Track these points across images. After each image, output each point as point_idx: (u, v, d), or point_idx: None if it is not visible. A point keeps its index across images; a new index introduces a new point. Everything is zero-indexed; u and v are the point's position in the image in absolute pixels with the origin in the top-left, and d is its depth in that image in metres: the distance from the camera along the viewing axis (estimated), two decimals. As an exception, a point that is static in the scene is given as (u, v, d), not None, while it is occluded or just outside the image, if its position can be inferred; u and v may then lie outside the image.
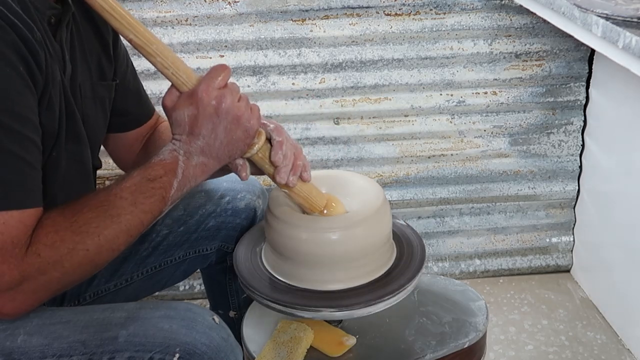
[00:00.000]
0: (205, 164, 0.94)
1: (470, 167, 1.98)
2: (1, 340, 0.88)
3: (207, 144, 0.92)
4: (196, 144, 0.92)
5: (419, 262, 1.13)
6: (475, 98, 1.91)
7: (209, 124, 0.92)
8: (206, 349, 0.88)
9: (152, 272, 1.24)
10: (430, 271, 2.04)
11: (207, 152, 0.93)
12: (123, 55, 1.17)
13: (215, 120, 0.92)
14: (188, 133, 0.92)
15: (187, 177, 0.92)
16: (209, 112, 0.91)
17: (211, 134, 0.92)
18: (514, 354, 1.73)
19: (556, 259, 2.07)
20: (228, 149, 0.94)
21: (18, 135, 0.82)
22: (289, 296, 1.06)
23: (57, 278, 0.85)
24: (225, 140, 0.93)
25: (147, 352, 0.87)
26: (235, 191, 1.26)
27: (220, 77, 0.93)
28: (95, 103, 1.07)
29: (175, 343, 0.87)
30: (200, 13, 1.78)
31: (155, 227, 1.22)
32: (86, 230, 0.85)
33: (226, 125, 0.92)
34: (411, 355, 1.14)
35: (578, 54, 1.88)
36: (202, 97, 0.91)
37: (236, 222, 1.25)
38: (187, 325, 0.90)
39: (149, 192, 0.89)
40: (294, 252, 1.07)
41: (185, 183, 0.93)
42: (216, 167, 0.95)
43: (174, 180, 0.91)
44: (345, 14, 1.81)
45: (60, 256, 0.84)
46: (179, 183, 0.92)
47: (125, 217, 0.87)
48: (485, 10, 1.83)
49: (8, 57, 0.82)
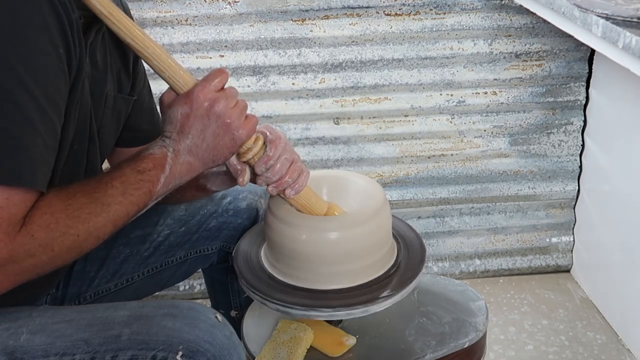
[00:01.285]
0: (191, 164, 0.94)
1: (470, 167, 1.98)
2: (4, 339, 0.88)
3: (194, 144, 0.93)
4: (185, 143, 0.92)
5: (419, 262, 1.13)
6: (475, 98, 1.91)
7: (199, 125, 0.92)
8: (209, 347, 0.88)
9: (153, 272, 1.24)
10: (430, 271, 2.04)
11: (194, 153, 0.93)
12: (142, 74, 1.18)
13: (205, 121, 0.92)
14: (178, 131, 0.93)
15: (173, 173, 0.93)
16: (201, 112, 0.92)
17: (199, 135, 0.92)
18: (514, 354, 1.73)
19: (556, 259, 2.07)
20: (213, 153, 0.94)
21: (46, 117, 0.83)
22: (289, 296, 1.06)
23: (44, 262, 0.84)
24: (212, 144, 0.93)
25: (150, 350, 0.87)
26: (236, 191, 1.26)
27: (217, 79, 0.93)
28: (113, 115, 1.08)
29: (178, 341, 0.87)
30: (200, 13, 1.78)
31: (156, 228, 1.22)
32: (79, 215, 0.85)
33: (215, 129, 0.93)
34: (411, 355, 1.14)
35: (578, 54, 1.88)
36: (197, 96, 0.92)
37: (238, 222, 1.25)
38: (190, 324, 0.90)
39: (138, 184, 0.89)
40: (293, 252, 1.07)
41: (171, 180, 0.93)
42: (200, 169, 0.96)
43: (161, 175, 0.91)
44: (345, 14, 1.81)
45: (52, 239, 0.83)
46: (165, 179, 0.92)
47: (114, 206, 0.87)
48: (485, 10, 1.83)
49: (53, 34, 0.83)
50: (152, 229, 1.22)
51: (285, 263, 1.10)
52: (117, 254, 1.20)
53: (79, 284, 1.18)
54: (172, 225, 1.23)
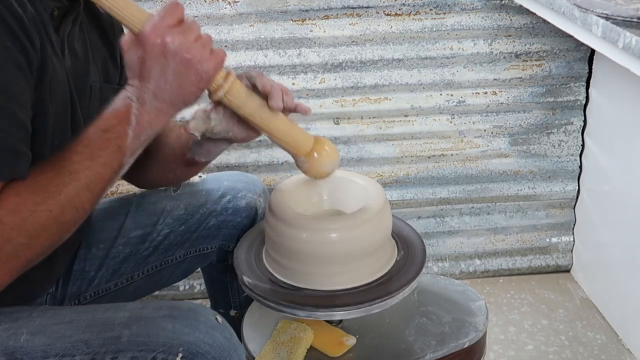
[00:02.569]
0: (159, 109, 0.89)
1: (470, 167, 1.98)
2: (4, 340, 0.87)
3: (158, 87, 0.87)
4: (148, 88, 0.87)
5: (419, 262, 1.13)
6: (475, 98, 1.91)
7: (157, 66, 0.86)
8: (209, 349, 0.88)
9: (153, 271, 1.24)
10: (430, 271, 2.04)
11: (160, 97, 0.88)
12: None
13: (163, 61, 0.86)
14: (139, 77, 0.87)
15: (141, 124, 0.88)
16: (156, 52, 0.85)
17: (160, 77, 0.86)
18: (514, 354, 1.73)
19: (556, 259, 2.07)
20: (180, 92, 0.88)
21: (5, 112, 0.81)
22: (288, 296, 1.06)
23: (24, 244, 0.82)
24: (175, 83, 0.87)
25: (150, 352, 0.87)
26: (236, 190, 1.26)
27: (169, 14, 0.86)
28: (101, 106, 1.06)
29: (178, 343, 0.87)
30: (200, 13, 1.78)
31: (156, 227, 1.23)
32: (46, 190, 0.83)
33: (175, 68, 0.86)
34: (411, 355, 1.14)
35: (578, 54, 1.88)
36: (149, 37, 0.85)
37: (237, 220, 1.25)
38: (190, 325, 0.90)
39: (104, 143, 0.86)
40: (293, 252, 1.07)
41: (141, 131, 0.88)
42: (171, 112, 0.90)
43: (128, 129, 0.87)
44: (345, 14, 1.81)
45: (23, 220, 0.81)
46: (134, 131, 0.87)
47: (83, 172, 0.85)
48: (485, 10, 1.83)
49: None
50: (151, 229, 1.22)
51: (285, 263, 1.10)
52: (117, 254, 1.20)
53: (79, 283, 1.18)
54: (171, 224, 1.23)
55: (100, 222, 1.21)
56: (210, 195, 1.25)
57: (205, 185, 1.26)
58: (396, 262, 1.13)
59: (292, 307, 1.04)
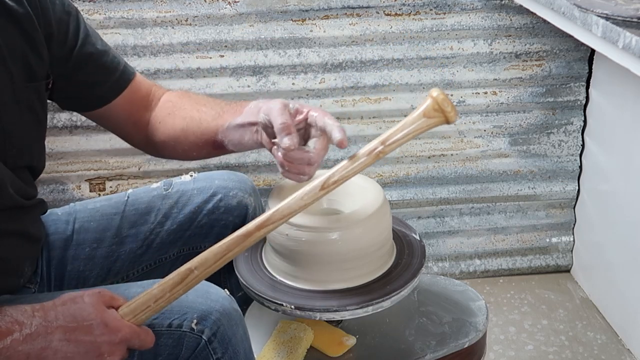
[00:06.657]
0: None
1: (470, 167, 1.98)
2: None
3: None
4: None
5: (418, 262, 1.13)
6: (475, 98, 1.91)
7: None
8: (220, 316, 0.95)
9: (147, 269, 1.24)
10: (430, 271, 2.04)
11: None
12: (64, 39, 1.10)
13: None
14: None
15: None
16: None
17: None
18: (514, 354, 1.74)
19: (556, 259, 2.07)
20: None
21: None
22: (288, 296, 1.06)
23: None
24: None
25: (166, 319, 0.94)
26: (227, 189, 1.26)
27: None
28: (20, 108, 1.03)
29: (192, 310, 0.95)
30: (200, 13, 1.78)
31: (148, 226, 1.23)
32: None
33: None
34: (411, 355, 1.14)
35: (578, 54, 1.88)
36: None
37: (229, 219, 1.25)
38: (203, 296, 0.97)
39: None
40: (293, 252, 1.07)
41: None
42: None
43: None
44: (345, 14, 1.81)
45: None
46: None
47: None
48: (485, 10, 1.83)
49: None
50: (144, 227, 1.23)
51: (284, 263, 1.10)
52: (111, 253, 1.21)
53: (74, 283, 1.19)
54: (164, 223, 1.24)
55: (93, 222, 1.22)
56: (202, 193, 1.26)
57: (196, 184, 1.27)
58: (396, 262, 1.13)
59: (292, 307, 1.04)
